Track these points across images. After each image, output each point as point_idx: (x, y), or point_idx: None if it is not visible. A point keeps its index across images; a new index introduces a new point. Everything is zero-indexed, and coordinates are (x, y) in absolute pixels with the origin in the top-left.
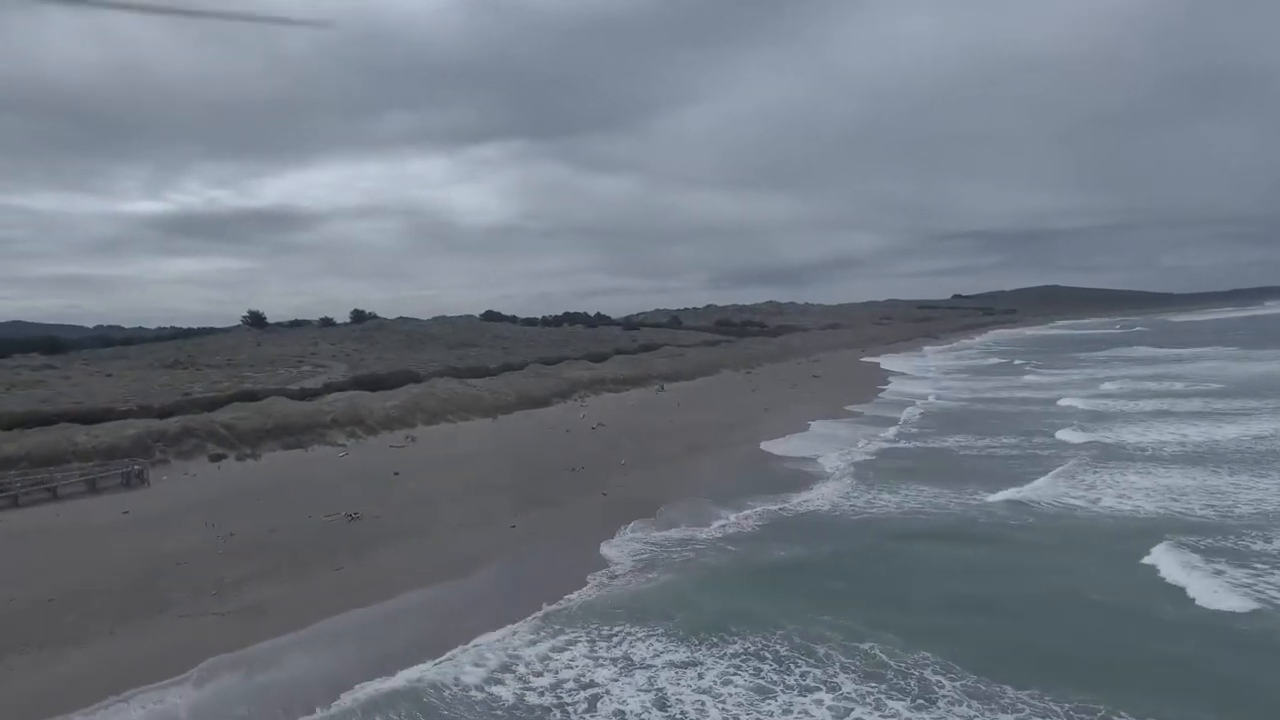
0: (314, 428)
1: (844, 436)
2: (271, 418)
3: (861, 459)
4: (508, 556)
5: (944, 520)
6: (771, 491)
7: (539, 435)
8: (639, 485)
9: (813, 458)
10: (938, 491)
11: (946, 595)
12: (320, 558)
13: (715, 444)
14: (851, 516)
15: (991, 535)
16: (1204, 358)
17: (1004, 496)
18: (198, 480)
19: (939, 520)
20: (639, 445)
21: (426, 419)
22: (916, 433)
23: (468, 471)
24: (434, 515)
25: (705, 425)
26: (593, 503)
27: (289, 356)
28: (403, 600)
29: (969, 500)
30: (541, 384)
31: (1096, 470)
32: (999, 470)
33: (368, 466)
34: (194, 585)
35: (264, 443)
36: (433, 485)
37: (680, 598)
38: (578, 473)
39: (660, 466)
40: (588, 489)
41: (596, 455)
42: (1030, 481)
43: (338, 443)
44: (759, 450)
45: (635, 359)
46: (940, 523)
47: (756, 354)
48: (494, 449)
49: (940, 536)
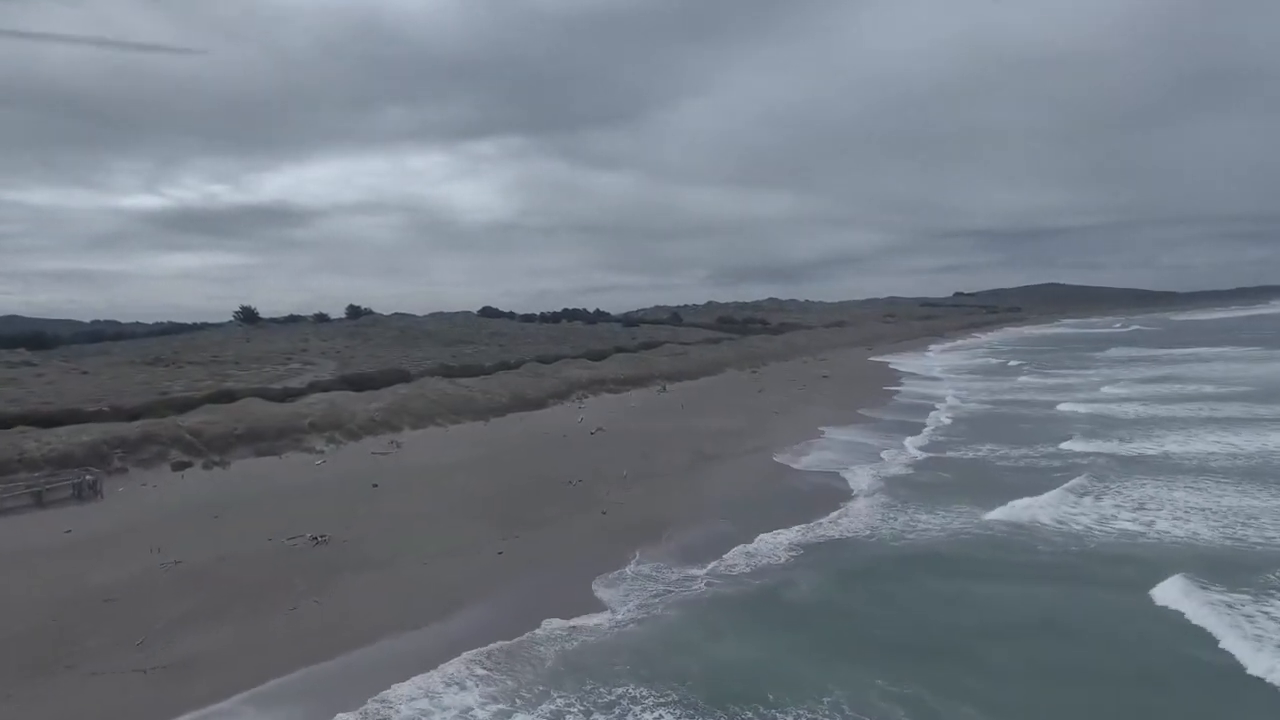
0: (290, 432)
1: (866, 446)
2: (243, 422)
3: (893, 473)
4: (491, 593)
5: (999, 549)
6: (795, 512)
7: (533, 441)
8: (642, 502)
9: (836, 472)
10: (985, 512)
11: (1027, 654)
12: (275, 592)
13: (725, 453)
14: (892, 543)
15: (1059, 568)
16: (1225, 358)
17: (1056, 517)
18: (157, 492)
19: (993, 549)
20: (641, 454)
21: (414, 422)
22: (945, 441)
23: (453, 483)
24: (411, 538)
25: (712, 431)
26: (591, 523)
27: (277, 354)
28: (365, 654)
29: (1022, 522)
30: (538, 384)
31: (1151, 485)
32: (1047, 487)
33: (345, 476)
34: (118, 630)
35: (234, 449)
36: (413, 500)
37: (696, 650)
38: (574, 486)
39: (665, 480)
40: (585, 506)
41: (595, 465)
42: (1084, 499)
43: (315, 449)
44: (774, 462)
45: (636, 357)
46: (996, 552)
47: (761, 352)
48: (484, 456)
49: (1000, 571)
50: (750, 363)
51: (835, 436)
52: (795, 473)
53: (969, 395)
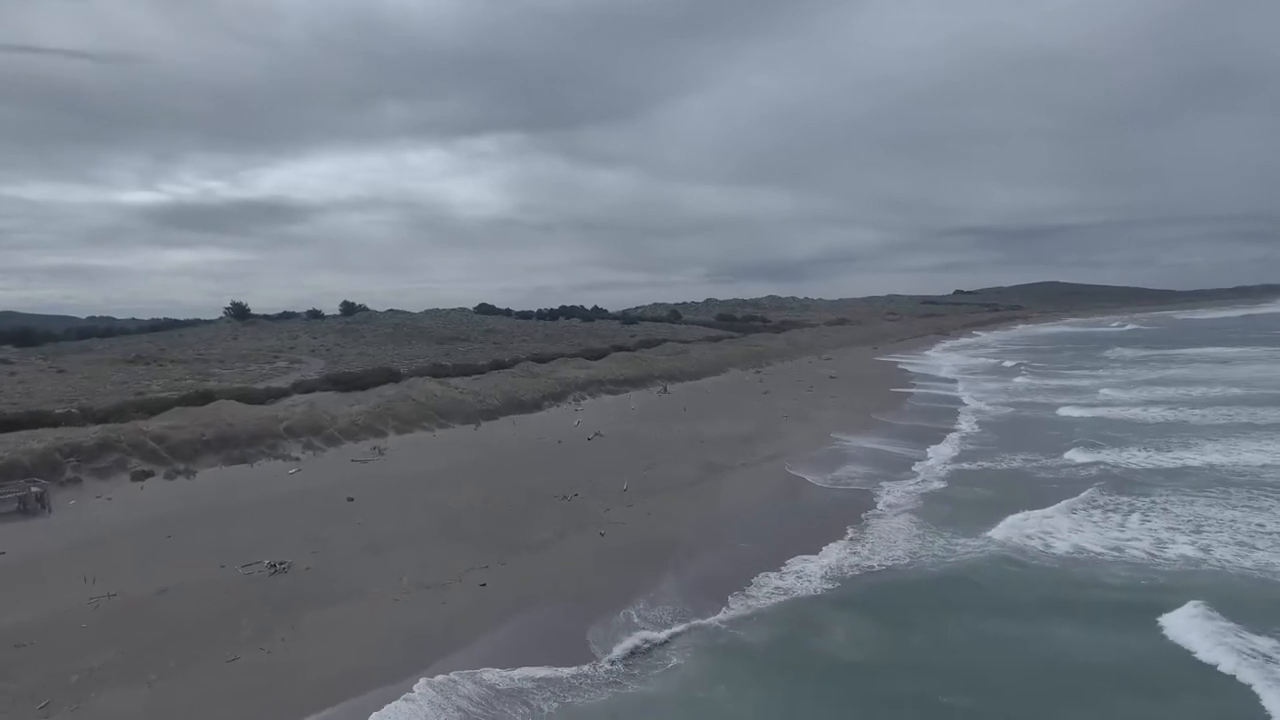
0: (264, 438)
1: (889, 455)
2: (213, 426)
3: (925, 488)
4: (470, 639)
5: (1059, 580)
6: (819, 533)
7: (526, 447)
8: (646, 521)
9: (862, 486)
10: (1040, 538)
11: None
12: (217, 636)
13: (734, 463)
14: (936, 571)
15: (1132, 605)
16: (1244, 359)
17: (1108, 543)
18: (110, 506)
19: (1052, 580)
20: (643, 463)
21: (399, 426)
22: (975, 450)
23: (436, 497)
24: (383, 565)
25: (719, 437)
26: (588, 547)
27: (264, 351)
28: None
29: (1086, 548)
30: (533, 385)
31: (1202, 502)
32: (1144, 503)
33: (320, 487)
34: (23, 685)
35: (202, 457)
36: (391, 517)
37: (715, 716)
38: (569, 502)
39: (670, 494)
40: (582, 525)
41: (592, 475)
42: (1132, 517)
43: (291, 456)
44: (790, 474)
45: (635, 357)
46: (1056, 584)
47: (764, 351)
48: (472, 465)
49: (1065, 607)
50: (753, 362)
51: (853, 444)
52: (815, 487)
53: (987, 397)
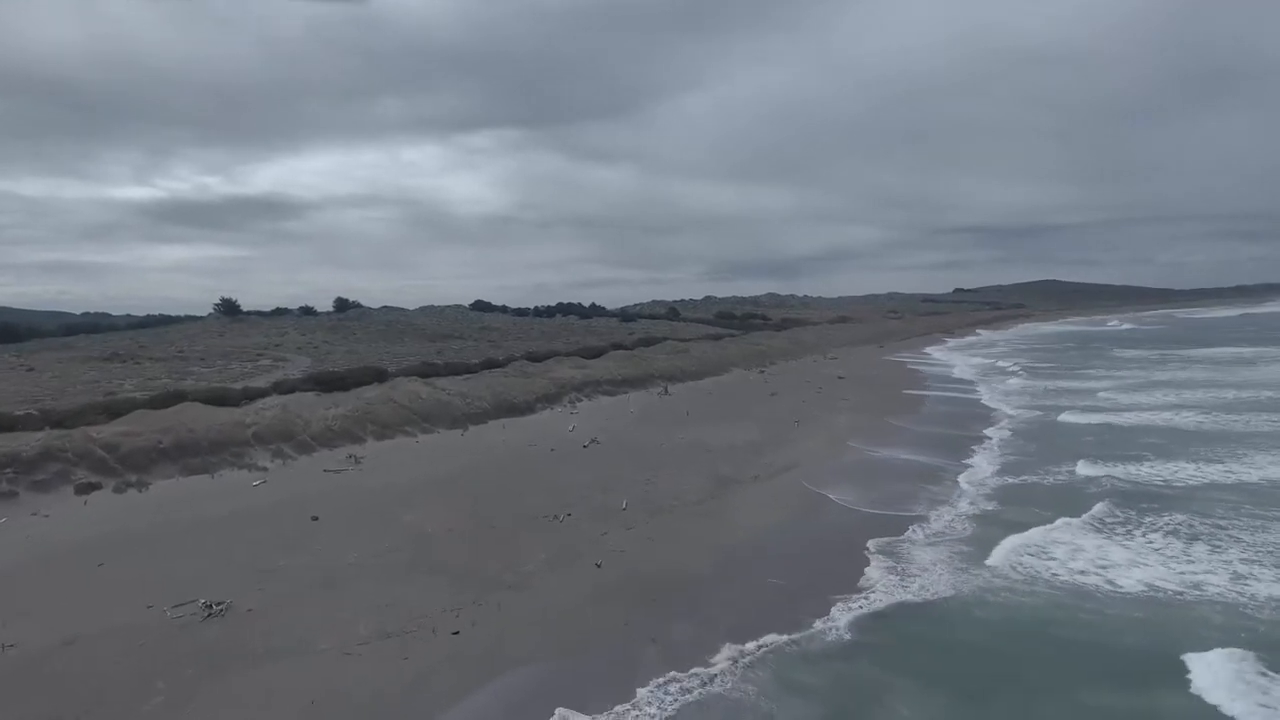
0: (228, 445)
1: (916, 466)
2: (171, 433)
3: (975, 509)
4: (430, 715)
5: (1182, 629)
6: (855, 565)
7: (516, 456)
8: (649, 548)
9: (898, 510)
10: (1122, 570)
11: None
12: (119, 705)
13: (745, 475)
14: (1009, 621)
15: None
16: (1271, 359)
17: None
18: (45, 525)
19: (1142, 635)
20: (644, 475)
21: (379, 432)
22: (1016, 462)
23: (412, 516)
24: (340, 606)
25: (726, 445)
26: (583, 582)
27: (249, 349)
28: None
29: (1158, 589)
30: (526, 386)
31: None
32: (1205, 527)
33: (284, 502)
34: None
35: (157, 466)
36: (358, 540)
37: None
38: (561, 523)
39: (675, 513)
40: (575, 552)
41: (588, 490)
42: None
43: (257, 465)
44: (809, 490)
45: (633, 355)
46: (1177, 636)
47: (768, 350)
48: (455, 476)
49: (1173, 679)
50: (757, 361)
51: (875, 454)
52: (839, 507)
53: (1009, 401)
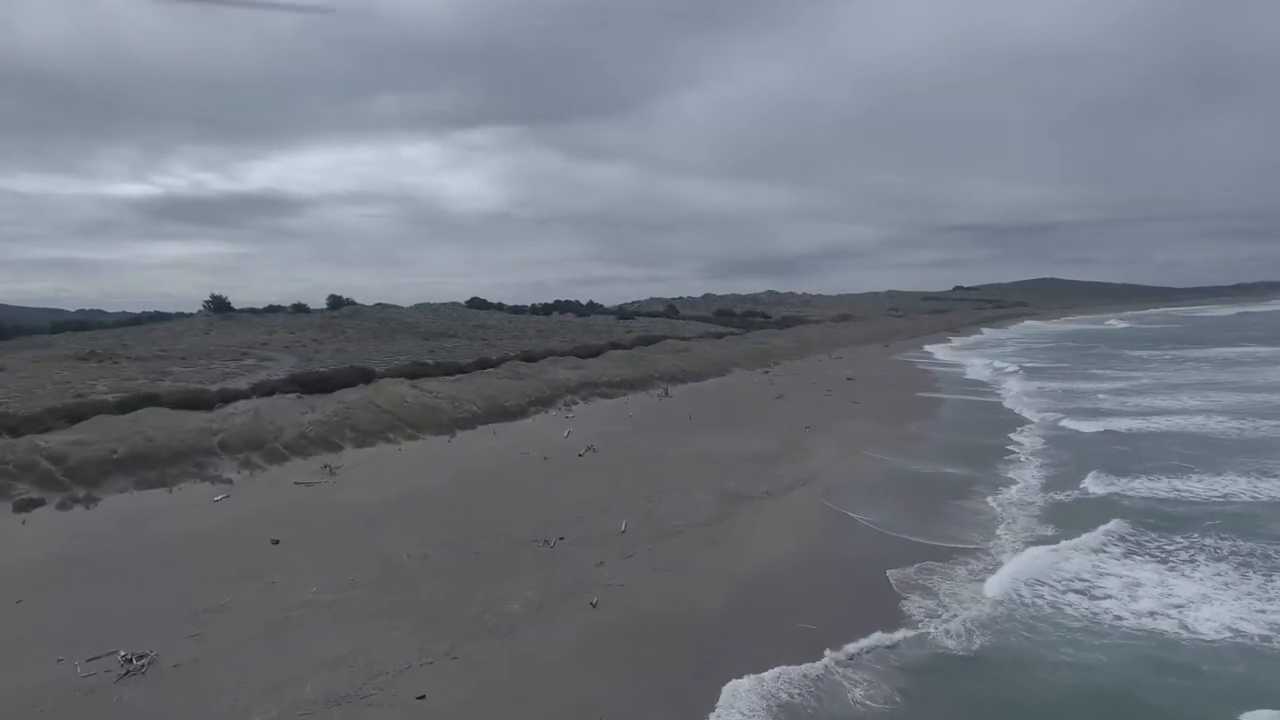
0: (191, 455)
1: (947, 482)
2: (127, 441)
3: (1013, 532)
4: None
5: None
6: (892, 604)
7: (505, 466)
8: (652, 581)
9: (942, 540)
10: (1204, 603)
11: None
12: None
13: (756, 490)
14: (1077, 681)
15: None
16: None
17: None
18: None
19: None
20: (645, 490)
21: (358, 439)
22: (1058, 476)
23: (384, 539)
24: (286, 658)
25: (734, 455)
26: (573, 627)
27: (234, 348)
28: None
29: (1245, 635)
30: (518, 388)
31: None
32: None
33: (245, 521)
34: None
35: (109, 479)
36: (319, 572)
37: None
38: (553, 550)
39: (681, 537)
40: (567, 588)
41: (583, 508)
42: None
43: (222, 477)
44: (830, 509)
45: (632, 355)
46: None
47: (771, 349)
48: (437, 492)
49: None
50: (761, 361)
51: (896, 465)
52: (866, 529)
53: (1033, 404)
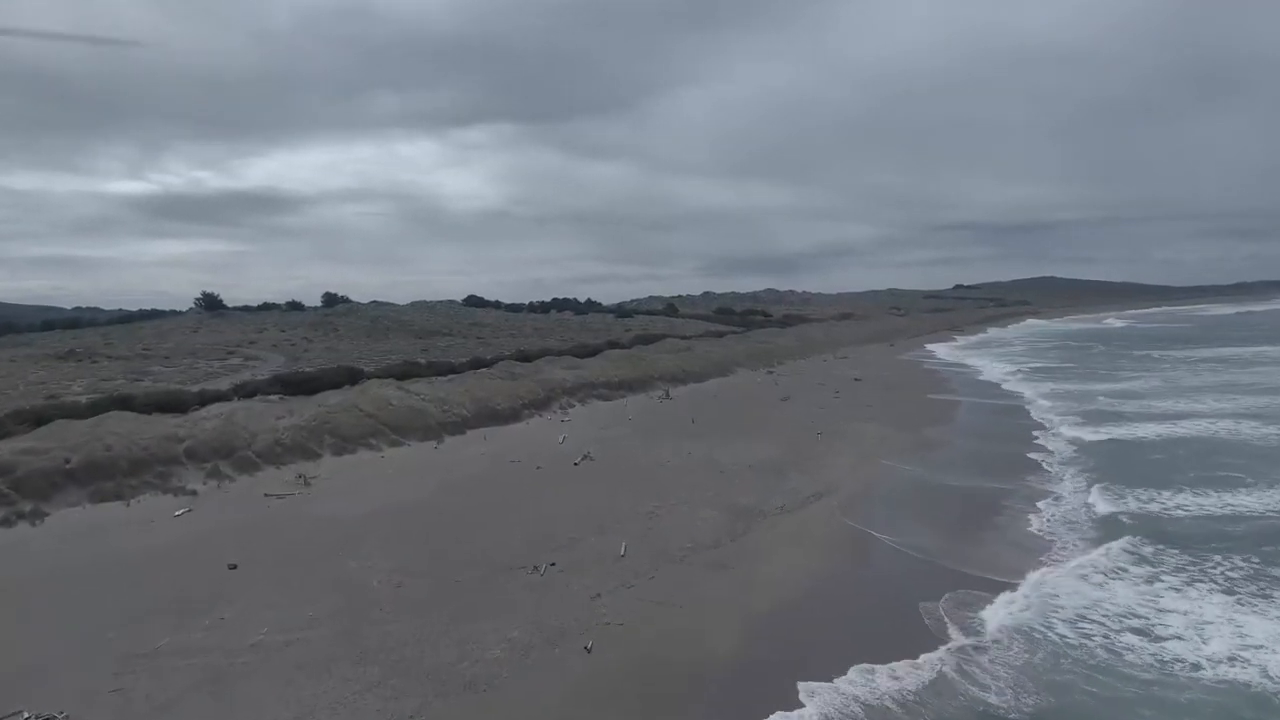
0: (154, 464)
1: (978, 496)
2: (82, 450)
3: (1053, 556)
4: None
5: None
6: (934, 642)
7: (495, 476)
8: (655, 616)
9: (978, 569)
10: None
11: None
12: None
13: (768, 505)
14: None
15: None
16: None
17: None
18: None
19: None
20: (646, 504)
21: (338, 445)
22: (1084, 490)
23: (355, 566)
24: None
25: (741, 464)
26: (565, 677)
27: (221, 346)
28: None
29: None
30: (512, 390)
31: None
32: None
33: (203, 542)
34: None
35: (61, 491)
36: (276, 605)
37: None
38: (543, 577)
39: (687, 562)
40: (557, 628)
41: (578, 526)
42: None
43: (185, 489)
44: (849, 526)
45: (631, 355)
46: None
47: (774, 349)
48: (419, 505)
49: None
50: (763, 361)
51: (917, 476)
52: (891, 550)
53: (1053, 408)
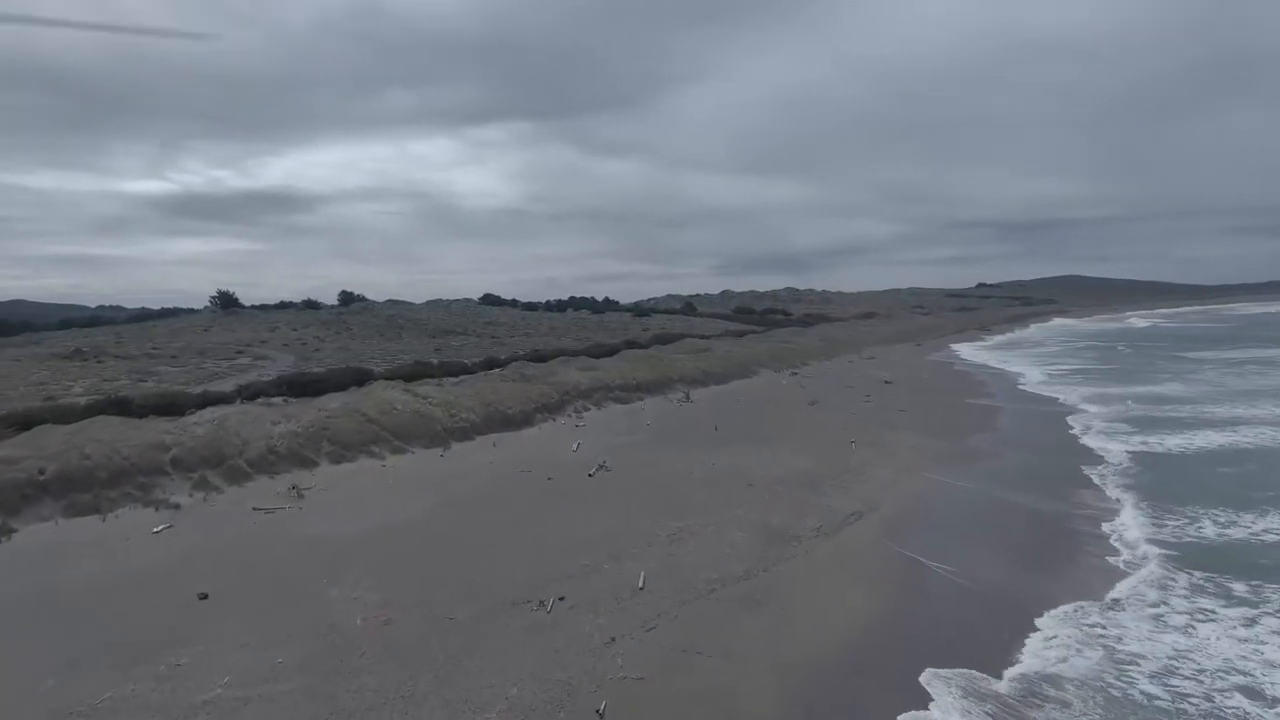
0: (136, 474)
1: (1036, 515)
2: (59, 459)
3: (1141, 595)
4: None
5: None
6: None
7: (502, 488)
8: (679, 669)
9: (1051, 604)
10: None
11: None
12: None
13: (803, 527)
14: None
15: None
16: None
17: None
18: None
19: None
20: (666, 524)
21: (336, 454)
22: (1167, 511)
23: (338, 595)
24: None
25: (771, 476)
26: None
27: (231, 345)
28: None
29: None
30: (524, 392)
31: None
32: None
33: (177, 565)
34: None
35: (34, 505)
36: (242, 646)
37: None
38: (550, 614)
39: (715, 598)
40: (562, 687)
41: (591, 551)
42: None
43: (169, 502)
44: (900, 554)
45: (649, 355)
46: None
47: (797, 349)
48: (417, 523)
49: None
50: (787, 362)
51: (968, 492)
52: (948, 584)
53: (1100, 411)
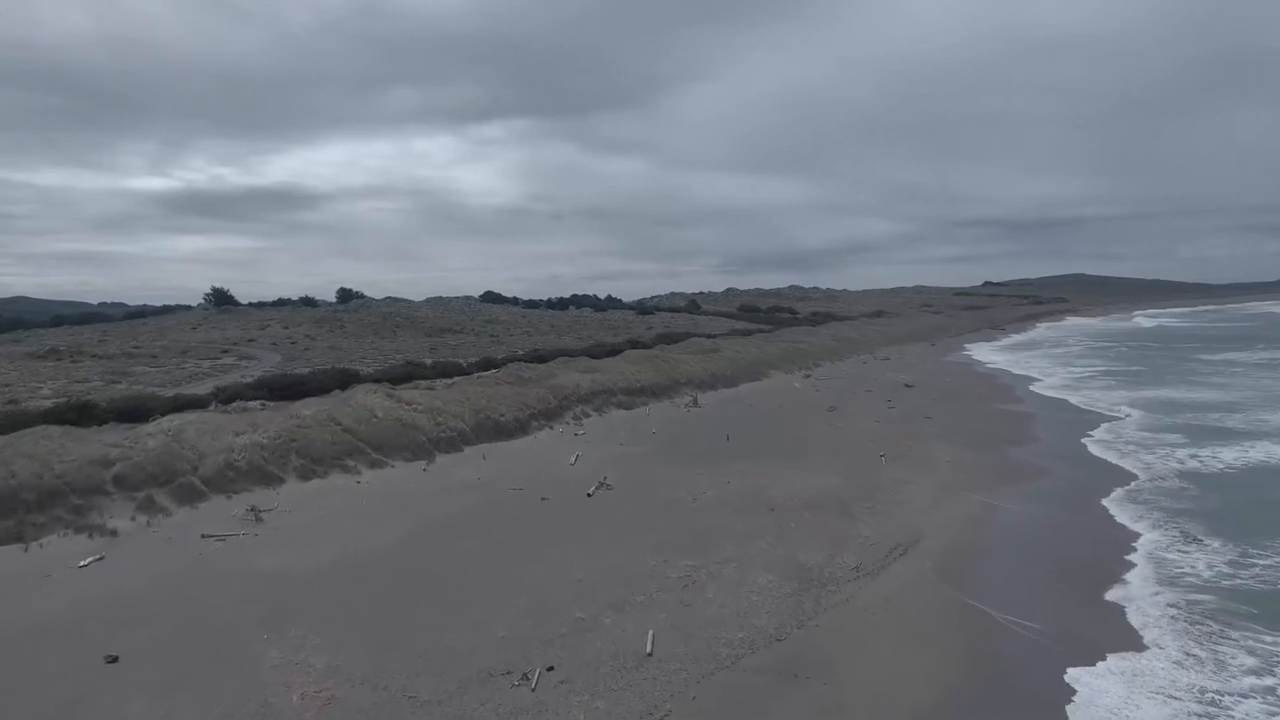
0: (70, 495)
1: (1107, 544)
2: None
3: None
4: None
5: None
6: None
7: (488, 514)
8: None
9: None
10: None
11: None
12: None
13: (840, 567)
14: None
15: None
16: None
17: None
18: None
19: None
20: (680, 564)
21: (305, 469)
22: (1249, 540)
23: (277, 657)
24: None
25: (796, 499)
26: None
27: (217, 344)
28: None
29: None
30: (519, 397)
31: None
32: None
33: (100, 609)
34: None
35: None
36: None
37: None
38: (534, 690)
39: (743, 668)
40: None
41: (588, 601)
42: None
43: (105, 528)
44: (964, 604)
45: (654, 356)
46: None
47: (808, 349)
48: (387, 556)
49: None
50: (799, 363)
51: (1025, 518)
52: (1024, 642)
53: (1142, 419)
